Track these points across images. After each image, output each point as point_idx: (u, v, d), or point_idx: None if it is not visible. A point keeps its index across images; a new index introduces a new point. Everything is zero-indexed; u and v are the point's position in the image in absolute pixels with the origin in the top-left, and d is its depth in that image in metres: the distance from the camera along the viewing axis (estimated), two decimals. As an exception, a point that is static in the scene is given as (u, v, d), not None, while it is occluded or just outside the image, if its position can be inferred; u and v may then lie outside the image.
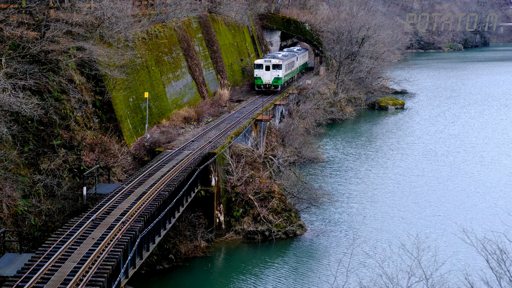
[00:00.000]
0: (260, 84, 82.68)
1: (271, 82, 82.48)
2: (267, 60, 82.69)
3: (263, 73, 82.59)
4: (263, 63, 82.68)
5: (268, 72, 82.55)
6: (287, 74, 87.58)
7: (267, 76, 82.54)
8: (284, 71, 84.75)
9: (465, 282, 27.17)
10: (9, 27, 41.46)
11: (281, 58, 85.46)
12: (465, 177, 66.94)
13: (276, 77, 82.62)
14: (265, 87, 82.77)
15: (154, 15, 63.36)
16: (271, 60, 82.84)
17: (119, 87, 51.16)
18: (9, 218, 35.50)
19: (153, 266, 42.45)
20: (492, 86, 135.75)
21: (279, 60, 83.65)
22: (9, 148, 38.10)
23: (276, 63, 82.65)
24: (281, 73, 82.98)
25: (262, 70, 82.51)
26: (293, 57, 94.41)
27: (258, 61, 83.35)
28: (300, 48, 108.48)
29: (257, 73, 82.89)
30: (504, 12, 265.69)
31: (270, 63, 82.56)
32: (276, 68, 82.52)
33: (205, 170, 48.44)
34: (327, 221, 53.11)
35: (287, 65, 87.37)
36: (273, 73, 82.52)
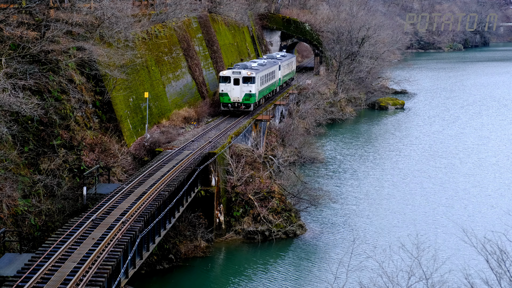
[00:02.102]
0: (227, 103, 65.88)
1: (241, 99, 65.72)
2: (235, 72, 65.89)
3: (231, 88, 65.67)
4: (230, 75, 65.71)
5: (237, 87, 65.69)
6: (263, 88, 71.42)
7: (235, 92, 65.78)
8: (259, 85, 68.66)
9: (465, 282, 27.17)
10: (9, 27, 41.45)
11: (255, 69, 69.28)
12: (465, 177, 66.94)
13: (247, 94, 65.74)
14: (233, 107, 65.93)
15: (154, 15, 63.36)
16: (241, 71, 66.09)
17: (119, 87, 51.16)
18: (9, 218, 35.50)
19: (153, 266, 42.45)
20: (492, 86, 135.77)
21: (252, 71, 67.04)
22: (9, 148, 38.10)
23: (248, 75, 65.77)
24: (254, 88, 66.35)
25: (229, 85, 65.65)
26: (273, 66, 78.56)
27: (224, 73, 66.25)
28: (286, 54, 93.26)
29: (223, 88, 65.91)
30: (504, 12, 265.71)
31: (239, 75, 65.66)
32: (248, 82, 65.75)
33: (205, 170, 48.44)
34: (327, 221, 53.11)
35: (264, 77, 71.75)
36: (243, 88, 65.76)
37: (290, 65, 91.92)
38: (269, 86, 75.40)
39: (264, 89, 72.16)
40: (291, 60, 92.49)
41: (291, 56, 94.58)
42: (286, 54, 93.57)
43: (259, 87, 68.83)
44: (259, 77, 68.64)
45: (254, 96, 66.34)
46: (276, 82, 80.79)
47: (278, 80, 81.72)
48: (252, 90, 66.03)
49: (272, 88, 77.45)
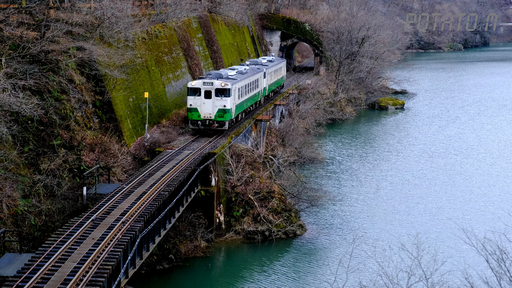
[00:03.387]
0: (196, 120, 55.29)
1: (214, 116, 55.18)
2: (207, 82, 55.37)
3: (201, 102, 55.16)
4: (200, 86, 55.23)
5: (208, 101, 55.17)
6: (242, 102, 60.89)
7: (206, 107, 55.21)
8: (236, 98, 58.21)
9: (465, 282, 27.16)
10: (9, 27, 41.46)
11: (231, 78, 58.61)
12: (465, 177, 66.95)
13: (221, 109, 55.18)
14: (203, 124, 55.30)
15: (154, 15, 63.36)
16: (214, 81, 55.36)
17: (119, 87, 51.16)
18: (9, 218, 35.51)
19: (153, 266, 42.45)
20: (491, 87, 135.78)
21: (228, 81, 56.48)
22: (9, 148, 38.10)
23: (222, 86, 55.20)
24: (230, 102, 55.75)
25: (199, 98, 55.13)
26: (256, 73, 67.99)
27: (193, 84, 55.67)
28: (274, 58, 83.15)
29: (191, 102, 55.19)
30: (504, 12, 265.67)
31: (211, 86, 55.19)
32: (222, 95, 55.24)
33: (205, 170, 48.44)
34: (327, 221, 53.12)
35: (243, 88, 61.49)
36: (216, 102, 55.16)
37: (279, 71, 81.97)
38: (251, 98, 65.32)
39: (244, 102, 61.75)
40: (279, 66, 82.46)
41: (279, 61, 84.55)
42: (274, 58, 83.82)
43: (237, 100, 58.40)
44: (237, 89, 58.28)
45: (229, 111, 55.74)
46: (260, 92, 70.43)
47: (262, 90, 71.32)
48: (227, 105, 55.26)
49: (254, 99, 67.41)
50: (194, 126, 55.66)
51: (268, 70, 74.25)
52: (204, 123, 55.43)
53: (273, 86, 78.28)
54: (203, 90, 55.25)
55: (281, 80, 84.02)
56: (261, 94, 71.22)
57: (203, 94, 55.20)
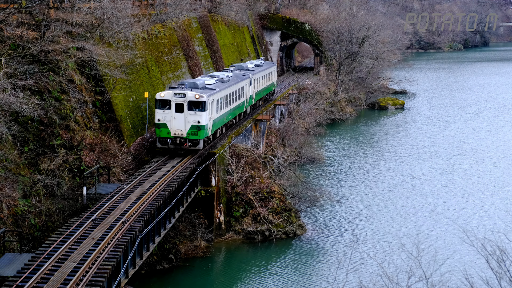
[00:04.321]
0: (166, 138, 47.81)
1: (186, 134, 47.66)
2: (178, 94, 47.96)
3: (171, 116, 47.84)
4: (170, 98, 48.02)
5: (180, 116, 47.77)
6: (221, 116, 53.01)
7: (177, 123, 47.82)
8: (214, 112, 50.30)
9: (465, 282, 27.17)
10: (9, 27, 41.45)
11: (209, 88, 50.88)
12: (465, 177, 66.95)
13: (195, 125, 47.70)
14: (174, 143, 47.87)
15: (154, 15, 63.35)
16: (187, 92, 47.95)
17: (119, 87, 51.16)
18: (9, 218, 35.51)
19: (153, 266, 42.45)
20: (491, 87, 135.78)
21: (204, 92, 49.07)
22: (9, 148, 38.09)
23: (196, 98, 47.72)
24: (206, 116, 48.12)
25: (169, 112, 47.89)
26: (241, 81, 59.81)
27: (162, 95, 48.34)
28: (263, 62, 75.53)
29: (160, 116, 48.10)
30: (504, 12, 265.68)
31: (183, 98, 47.80)
32: (196, 108, 47.71)
33: (205, 170, 48.43)
34: (327, 221, 53.12)
35: (223, 99, 53.37)
36: (189, 117, 47.70)
37: (268, 76, 73.94)
38: (233, 110, 57.04)
39: (224, 116, 53.78)
40: (269, 70, 74.46)
41: (269, 65, 76.47)
42: (263, 62, 76.09)
43: (214, 114, 50.39)
44: (215, 101, 50.41)
45: (204, 128, 47.91)
46: (245, 102, 62.10)
47: (247, 99, 63.06)
48: (202, 120, 47.65)
49: (238, 111, 59.29)
50: (163, 145, 47.89)
51: (255, 76, 66.37)
52: (175, 141, 47.67)
53: (261, 93, 70.22)
54: (173, 103, 47.73)
55: (271, 86, 76.52)
56: (246, 104, 63.00)
57: (174, 108, 47.70)
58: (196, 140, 47.97)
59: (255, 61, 75.09)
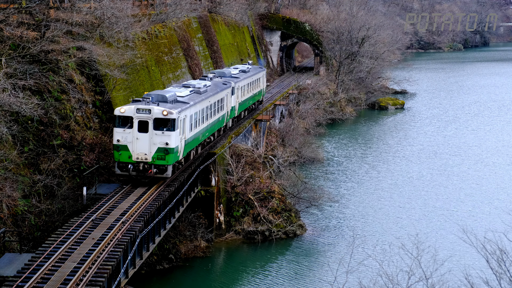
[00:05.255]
0: (126, 163, 40.05)
1: (151, 158, 39.87)
2: (142, 109, 39.95)
3: (133, 137, 39.98)
4: (132, 114, 39.96)
5: (144, 137, 39.91)
6: (196, 134, 44.82)
7: (141, 145, 39.92)
8: (186, 131, 42.41)
9: (465, 282, 27.18)
10: (9, 27, 41.45)
11: (181, 102, 42.86)
12: (465, 177, 66.96)
13: (162, 148, 39.85)
14: (136, 170, 40.03)
15: (154, 15, 63.35)
16: (153, 108, 39.99)
17: (119, 87, 51.17)
18: (9, 218, 35.51)
19: (153, 266, 42.45)
20: (491, 87, 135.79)
21: (174, 107, 41.02)
22: (9, 148, 38.10)
23: (164, 115, 39.78)
24: (176, 137, 40.25)
25: (130, 131, 39.98)
26: (220, 91, 51.64)
27: (123, 110, 40.23)
28: (248, 68, 66.16)
29: (119, 136, 40.12)
30: (504, 12, 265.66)
31: (149, 115, 39.91)
32: (164, 128, 39.87)
33: (205, 170, 48.44)
34: (327, 221, 53.13)
35: (198, 114, 45.32)
36: (155, 137, 39.86)
37: (255, 83, 65.72)
38: (210, 127, 48.85)
39: (199, 134, 45.74)
40: (256, 76, 66.25)
41: (257, 70, 68.08)
42: (250, 67, 67.47)
43: (187, 133, 42.45)
44: (188, 117, 42.47)
45: (174, 152, 39.96)
46: (226, 115, 53.98)
47: (229, 111, 54.84)
48: (171, 142, 39.65)
49: (216, 126, 51.11)
50: (123, 172, 39.98)
51: (239, 84, 58.22)
52: (137, 167, 39.82)
53: (246, 103, 61.98)
54: (136, 120, 39.68)
55: (258, 94, 67.99)
56: (227, 117, 54.75)
57: (136, 126, 39.71)
58: (164, 166, 39.86)
59: (240, 66, 66.66)
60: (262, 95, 70.76)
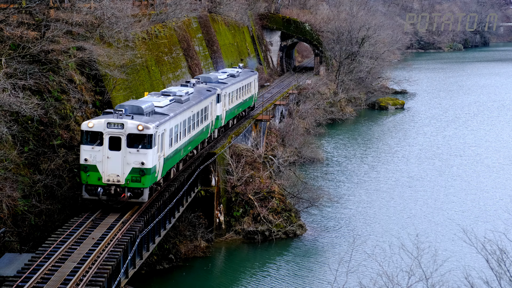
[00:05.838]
0: (96, 186, 35.08)
1: (124, 180, 34.98)
2: (114, 123, 35.04)
3: (103, 155, 35.10)
4: (102, 128, 35.07)
5: (116, 155, 35.03)
6: (176, 150, 40.01)
7: (112, 165, 35.00)
8: (166, 147, 37.60)
9: (465, 282, 27.19)
10: (9, 27, 41.45)
11: (159, 114, 38.02)
12: (465, 177, 66.95)
13: (137, 169, 34.91)
14: (107, 194, 35.01)
15: (154, 15, 63.35)
16: (126, 121, 35.06)
17: (119, 87, 51.16)
18: (9, 218, 35.50)
19: (153, 266, 42.45)
20: (491, 87, 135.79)
21: (151, 120, 36.09)
22: (9, 148, 38.09)
23: (139, 130, 34.86)
24: (153, 155, 35.41)
25: (100, 149, 35.12)
26: (205, 99, 47.23)
27: (91, 124, 35.28)
28: (238, 72, 60.76)
29: (87, 155, 35.24)
30: (504, 12, 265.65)
31: (121, 130, 34.99)
32: (139, 145, 34.96)
33: (205, 170, 48.44)
34: (327, 221, 53.12)
35: (178, 127, 40.26)
36: (129, 156, 34.93)
37: (246, 88, 61.00)
38: (193, 140, 44.21)
39: (180, 150, 40.87)
40: (247, 81, 61.37)
41: (247, 74, 63.11)
42: (240, 70, 62.22)
43: (166, 150, 37.52)
44: (167, 131, 37.56)
45: (151, 172, 35.05)
46: (210, 125, 49.42)
47: (213, 121, 50.19)
48: (148, 161, 34.60)
49: (200, 138, 46.80)
50: (91, 196, 34.76)
51: (227, 90, 53.48)
52: (108, 191, 34.60)
53: (234, 111, 57.31)
54: (107, 136, 34.65)
55: (249, 100, 63.31)
56: (212, 127, 50.23)
57: (107, 143, 34.69)
58: (139, 190, 34.81)
59: (230, 70, 62.30)
60: (253, 100, 65.88)
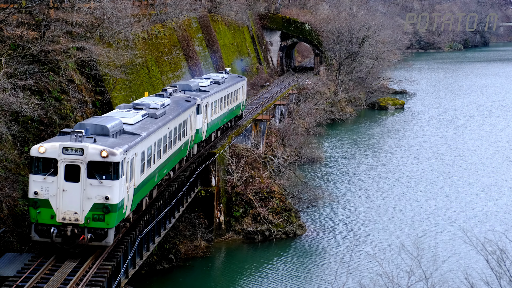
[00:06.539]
0: (47, 224, 28.57)
1: (83, 219, 28.51)
2: (71, 148, 28.32)
3: (58, 188, 28.54)
4: (56, 154, 28.41)
5: (73, 187, 28.54)
6: (149, 176, 33.88)
7: (69, 200, 28.50)
8: (136, 175, 31.39)
9: (465, 282, 27.19)
10: (9, 27, 41.45)
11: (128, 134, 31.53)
12: (465, 177, 66.95)
13: (100, 205, 28.43)
14: (61, 235, 28.40)
15: (154, 15, 63.35)
16: (87, 146, 28.36)
17: (119, 87, 51.17)
18: (9, 218, 35.49)
19: (153, 266, 42.45)
20: (491, 87, 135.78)
21: (117, 143, 29.54)
22: (9, 148, 38.10)
23: (102, 157, 28.22)
24: (120, 188, 28.93)
25: (53, 180, 28.54)
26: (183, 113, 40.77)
27: (42, 149, 28.74)
28: (224, 77, 54.96)
29: (37, 187, 28.54)
30: (504, 12, 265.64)
31: (81, 156, 28.33)
32: (103, 175, 28.45)
33: (205, 170, 48.43)
34: (327, 221, 53.12)
35: (152, 149, 33.97)
36: (90, 189, 28.46)
37: (232, 96, 55.04)
38: (169, 161, 38.01)
39: (154, 175, 34.88)
40: (233, 88, 55.32)
41: (234, 80, 56.83)
42: (227, 76, 56.29)
43: (137, 179, 31.34)
44: (138, 156, 31.28)
45: (118, 208, 28.82)
46: (189, 140, 43.37)
47: (193, 135, 44.33)
48: (114, 196, 28.41)
49: (177, 158, 40.74)
50: (43, 238, 28.51)
51: (208, 99, 47.55)
52: (64, 232, 28.32)
53: (218, 122, 51.24)
54: (62, 164, 28.30)
55: (236, 109, 57.18)
56: (191, 143, 44.08)
57: (63, 173, 28.35)
58: (103, 231, 28.50)
59: (214, 75, 55.53)
60: (241, 109, 59.55)
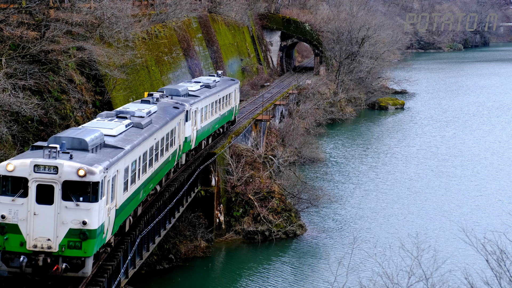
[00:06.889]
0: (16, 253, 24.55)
1: (57, 246, 24.49)
2: (43, 166, 24.33)
3: (28, 211, 24.53)
4: (27, 173, 24.34)
5: (46, 210, 24.56)
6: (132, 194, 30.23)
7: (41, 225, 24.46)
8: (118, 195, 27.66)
9: (465, 282, 27.19)
10: (9, 27, 41.45)
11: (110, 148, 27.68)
12: (465, 178, 66.95)
13: (77, 230, 24.48)
14: (32, 265, 24.38)
15: (154, 15, 63.36)
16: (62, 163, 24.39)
17: (119, 87, 51.18)
18: None
19: (153, 266, 42.45)
20: (491, 87, 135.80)
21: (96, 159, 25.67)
22: (9, 148, 38.10)
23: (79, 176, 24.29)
24: (100, 211, 25.04)
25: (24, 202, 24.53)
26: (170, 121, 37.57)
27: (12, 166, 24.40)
28: (216, 81, 51.81)
29: (4, 209, 24.41)
30: (504, 12, 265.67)
31: (55, 175, 24.37)
32: (80, 196, 24.56)
33: (205, 170, 48.44)
34: (327, 221, 53.13)
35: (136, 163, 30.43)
36: (65, 213, 24.49)
37: (225, 101, 52.50)
38: (155, 176, 34.89)
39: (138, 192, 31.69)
40: (226, 92, 52.64)
41: (227, 84, 54.26)
42: (219, 79, 53.46)
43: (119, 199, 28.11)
44: (120, 172, 28.00)
45: (97, 234, 25.36)
46: (177, 150, 40.37)
47: (181, 145, 41.34)
48: (92, 221, 24.95)
49: (164, 171, 37.53)
50: (11, 268, 24.83)
51: (198, 105, 44.59)
52: (34, 262, 24.70)
53: (210, 129, 48.81)
54: (33, 184, 24.78)
55: (229, 114, 54.67)
56: (180, 153, 41.21)
57: (34, 194, 24.80)
58: (80, 260, 25.02)
59: (205, 79, 52.08)
60: (234, 114, 56.88)
